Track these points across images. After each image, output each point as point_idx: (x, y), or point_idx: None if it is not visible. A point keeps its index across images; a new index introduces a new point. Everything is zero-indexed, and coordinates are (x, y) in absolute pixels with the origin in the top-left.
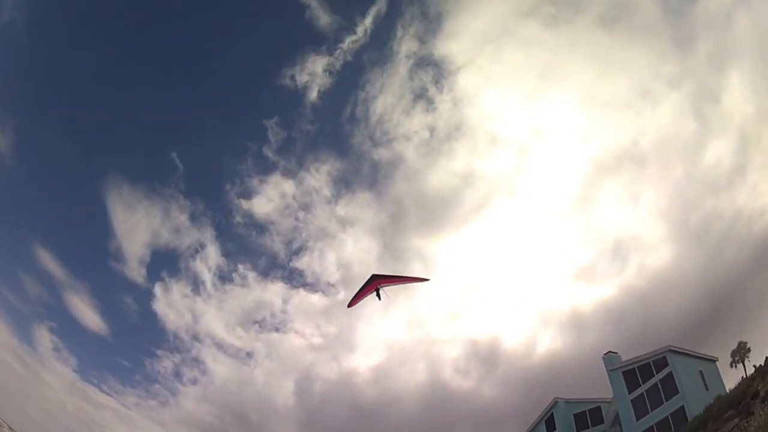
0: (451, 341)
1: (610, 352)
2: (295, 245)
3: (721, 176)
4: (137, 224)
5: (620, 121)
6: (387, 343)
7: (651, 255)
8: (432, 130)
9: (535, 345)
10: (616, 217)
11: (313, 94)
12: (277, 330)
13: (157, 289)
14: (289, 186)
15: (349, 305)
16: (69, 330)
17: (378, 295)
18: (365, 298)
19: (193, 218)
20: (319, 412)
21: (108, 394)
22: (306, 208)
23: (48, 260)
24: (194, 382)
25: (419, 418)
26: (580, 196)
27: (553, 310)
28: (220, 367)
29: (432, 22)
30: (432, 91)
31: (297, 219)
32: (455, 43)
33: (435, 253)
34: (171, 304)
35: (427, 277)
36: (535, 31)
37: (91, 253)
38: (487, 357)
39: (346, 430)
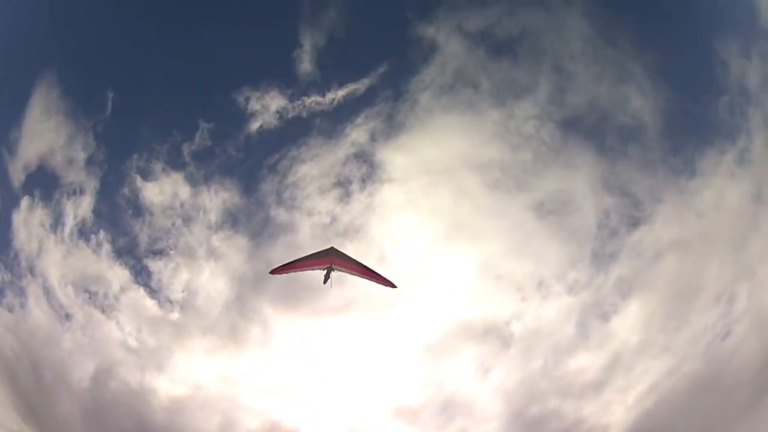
0: (254, 413)
1: None
2: (158, 246)
3: (578, 384)
4: (43, 132)
5: (505, 299)
6: (196, 382)
7: (477, 426)
8: (334, 220)
9: None
10: (460, 378)
11: (254, 125)
12: (102, 311)
13: (24, 202)
14: (184, 192)
15: (274, 271)
16: None
17: (327, 276)
18: (300, 272)
19: (90, 162)
20: (103, 410)
21: None
22: (187, 220)
23: None
24: (11, 309)
25: None
26: (436, 344)
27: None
28: (37, 312)
29: (392, 127)
30: (354, 186)
31: (173, 225)
32: (399, 157)
33: (278, 327)
34: (28, 224)
35: (395, 284)
36: (473, 185)
37: None
38: None
39: None
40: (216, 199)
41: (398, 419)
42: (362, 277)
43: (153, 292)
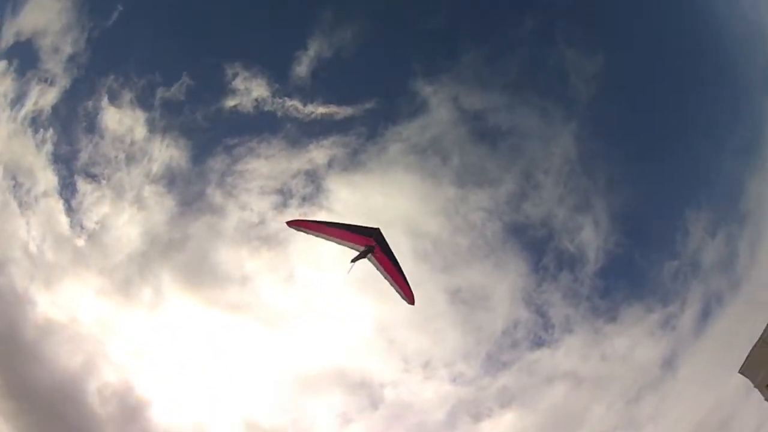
0: (115, 367)
1: None
2: (94, 170)
3: None
4: (47, 9)
5: (389, 364)
6: (74, 315)
7: None
8: (261, 222)
9: None
10: (319, 419)
11: (230, 102)
12: (19, 204)
13: (1, 65)
14: (140, 132)
15: (292, 223)
16: None
17: (361, 257)
18: (325, 240)
19: (71, 60)
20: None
21: None
22: (131, 159)
23: None
24: None
25: None
26: (308, 377)
27: None
28: None
29: (352, 162)
30: (294, 201)
31: (116, 157)
32: (347, 192)
33: (170, 298)
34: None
35: (413, 302)
36: (403, 248)
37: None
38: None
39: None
40: (165, 152)
41: None
42: (387, 276)
43: (70, 211)
